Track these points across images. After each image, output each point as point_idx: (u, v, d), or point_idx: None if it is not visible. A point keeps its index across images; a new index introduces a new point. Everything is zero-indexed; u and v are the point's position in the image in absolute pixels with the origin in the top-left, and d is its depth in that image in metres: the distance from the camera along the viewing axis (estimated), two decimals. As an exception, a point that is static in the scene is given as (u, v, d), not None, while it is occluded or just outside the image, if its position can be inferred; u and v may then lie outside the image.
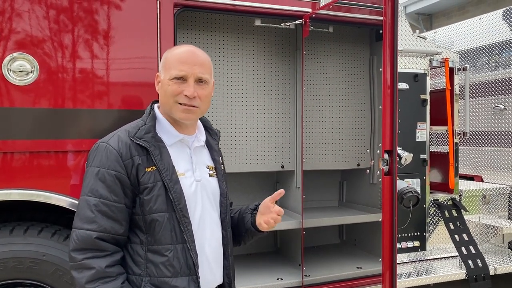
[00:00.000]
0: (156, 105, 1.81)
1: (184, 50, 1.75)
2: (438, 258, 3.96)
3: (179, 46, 1.83)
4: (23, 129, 2.51)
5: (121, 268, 1.62)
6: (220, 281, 1.83)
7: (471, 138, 4.82)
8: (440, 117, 4.02)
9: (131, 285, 1.61)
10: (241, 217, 1.94)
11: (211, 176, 1.83)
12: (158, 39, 2.76)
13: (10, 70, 2.47)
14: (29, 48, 2.50)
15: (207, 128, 1.94)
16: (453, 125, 3.99)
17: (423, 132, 3.88)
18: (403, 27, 3.83)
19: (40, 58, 2.52)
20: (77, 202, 2.51)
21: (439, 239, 3.99)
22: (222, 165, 1.93)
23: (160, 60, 2.71)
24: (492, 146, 4.58)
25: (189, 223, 1.68)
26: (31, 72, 2.51)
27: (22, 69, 2.49)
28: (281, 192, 1.79)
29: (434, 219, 3.98)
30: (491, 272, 3.71)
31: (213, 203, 1.81)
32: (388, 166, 2.55)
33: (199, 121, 1.88)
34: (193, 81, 1.69)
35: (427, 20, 12.43)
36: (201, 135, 1.86)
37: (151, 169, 1.64)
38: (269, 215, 1.80)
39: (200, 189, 1.76)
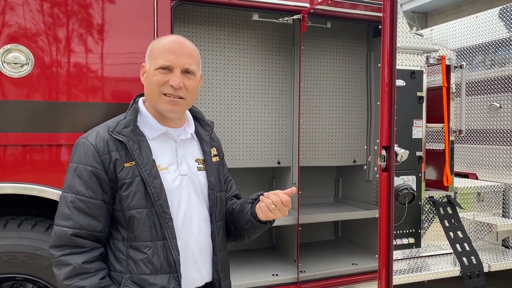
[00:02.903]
0: (141, 99, 1.75)
1: (171, 39, 1.69)
2: (433, 255, 3.97)
3: (166, 36, 1.77)
4: (16, 122, 2.48)
5: (101, 264, 1.59)
6: (208, 278, 1.76)
7: (466, 136, 4.83)
8: (436, 115, 4.02)
9: (112, 281, 1.58)
10: (241, 208, 1.83)
11: (199, 170, 1.76)
12: (155, 33, 2.73)
13: (4, 62, 2.43)
14: (24, 40, 2.46)
15: (198, 119, 1.86)
16: (448, 122, 4.00)
17: (419, 129, 3.88)
18: (401, 24, 3.83)
19: (35, 50, 2.48)
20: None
21: (434, 236, 4.00)
22: (217, 156, 1.85)
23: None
24: (487, 144, 4.60)
25: (170, 219, 1.61)
26: (25, 64, 2.47)
27: (16, 61, 2.45)
28: (293, 190, 1.66)
29: (429, 216, 3.99)
30: (485, 269, 3.72)
31: (202, 197, 1.74)
32: (385, 162, 2.55)
33: (188, 112, 1.81)
34: (179, 72, 1.62)
35: (422, 18, 12.47)
36: (190, 128, 1.79)
37: (130, 164, 1.59)
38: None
39: (186, 183, 1.69)
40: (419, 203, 3.88)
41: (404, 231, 3.85)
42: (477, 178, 4.73)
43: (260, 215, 1.70)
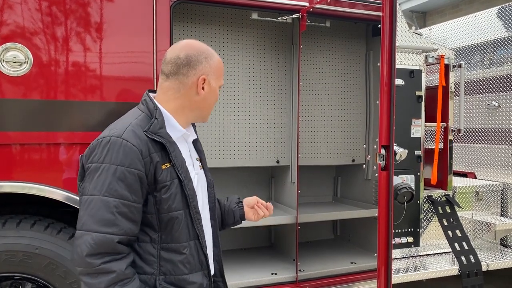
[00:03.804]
0: (154, 99, 1.72)
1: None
2: (431, 254, 3.98)
3: (211, 49, 1.76)
4: (15, 121, 2.47)
5: (133, 268, 1.56)
6: (213, 270, 1.84)
7: (465, 135, 4.84)
8: (435, 114, 4.02)
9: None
10: (229, 210, 2.00)
11: (200, 168, 1.83)
12: (154, 32, 2.72)
13: (3, 60, 2.42)
14: (23, 39, 2.46)
15: None
16: (447, 122, 4.00)
17: (418, 128, 3.89)
18: (400, 23, 3.83)
19: (33, 49, 2.48)
20: (70, 194, 2.54)
21: (433, 235, 4.01)
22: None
23: (156, 54, 2.71)
24: (486, 143, 4.60)
25: (201, 219, 1.67)
26: (24, 63, 2.46)
27: (15, 59, 2.44)
28: (270, 207, 2.01)
29: (428, 215, 3.99)
30: (484, 268, 3.73)
31: (206, 194, 1.82)
32: (384, 162, 2.55)
33: None
34: None
35: (421, 17, 12.48)
36: (190, 129, 1.83)
37: (166, 166, 1.58)
38: (265, 211, 2.00)
39: (198, 182, 1.75)
40: (418, 202, 3.88)
41: (403, 230, 3.86)
42: (475, 177, 4.74)
43: (252, 218, 2.01)
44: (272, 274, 3.47)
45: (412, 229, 3.90)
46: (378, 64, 2.61)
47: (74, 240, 1.49)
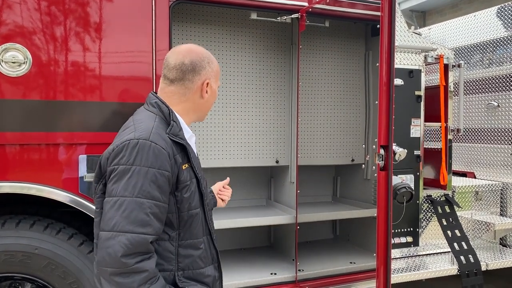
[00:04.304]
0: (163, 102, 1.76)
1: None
2: (431, 254, 3.98)
3: (209, 52, 1.82)
4: (15, 121, 2.47)
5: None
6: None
7: (464, 135, 4.84)
8: (434, 114, 4.02)
9: None
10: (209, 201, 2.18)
11: None
12: (153, 32, 2.73)
13: (2, 61, 2.42)
14: (22, 39, 2.46)
15: None
16: (446, 121, 4.00)
17: (417, 128, 3.89)
18: (399, 22, 3.83)
19: (32, 49, 2.48)
20: (69, 195, 2.54)
21: (432, 234, 4.01)
22: None
23: (155, 54, 2.71)
24: (485, 143, 4.60)
25: (212, 215, 1.79)
26: (23, 63, 2.46)
27: (14, 60, 2.44)
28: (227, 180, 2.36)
29: (427, 215, 4.00)
30: (483, 268, 3.73)
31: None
32: (383, 161, 2.55)
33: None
34: None
35: (420, 17, 12.48)
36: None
37: (185, 166, 1.65)
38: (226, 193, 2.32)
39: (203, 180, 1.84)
40: (417, 202, 3.88)
41: (402, 230, 3.86)
42: (475, 177, 4.74)
43: (222, 204, 2.30)
44: (271, 274, 3.47)
45: (411, 229, 3.90)
46: (377, 64, 2.61)
47: (102, 241, 1.49)
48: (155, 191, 1.52)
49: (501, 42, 4.46)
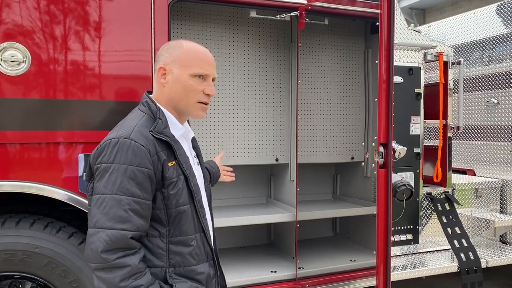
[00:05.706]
0: (154, 99, 1.77)
1: (201, 49, 1.78)
2: (431, 251, 3.98)
3: (187, 42, 1.80)
4: (14, 120, 2.47)
5: (144, 263, 1.62)
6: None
7: (464, 132, 4.84)
8: (434, 111, 4.02)
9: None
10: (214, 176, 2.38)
11: (198, 164, 1.91)
12: (152, 30, 2.72)
13: (1, 59, 2.42)
14: (21, 38, 2.45)
15: None
16: (446, 119, 4.00)
17: (417, 125, 3.89)
18: (398, 20, 3.82)
19: (32, 48, 2.48)
20: (69, 193, 2.55)
21: (432, 232, 4.02)
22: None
23: (154, 52, 2.71)
24: (485, 140, 4.60)
25: (205, 213, 1.78)
26: (22, 62, 2.46)
27: (13, 59, 2.44)
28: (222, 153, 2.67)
29: (427, 212, 4.00)
30: (483, 265, 3.74)
31: (204, 188, 1.90)
32: (383, 159, 2.55)
33: None
34: (211, 81, 1.76)
35: (420, 15, 12.47)
36: (187, 125, 1.89)
37: (172, 163, 1.66)
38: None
39: (199, 178, 1.83)
40: (417, 199, 3.89)
41: (402, 228, 3.86)
42: (474, 174, 4.75)
43: (226, 179, 2.63)
44: (271, 272, 3.48)
45: (411, 227, 3.91)
46: (377, 61, 2.61)
47: (87, 238, 1.54)
48: (134, 188, 1.54)
49: (501, 39, 4.46)
